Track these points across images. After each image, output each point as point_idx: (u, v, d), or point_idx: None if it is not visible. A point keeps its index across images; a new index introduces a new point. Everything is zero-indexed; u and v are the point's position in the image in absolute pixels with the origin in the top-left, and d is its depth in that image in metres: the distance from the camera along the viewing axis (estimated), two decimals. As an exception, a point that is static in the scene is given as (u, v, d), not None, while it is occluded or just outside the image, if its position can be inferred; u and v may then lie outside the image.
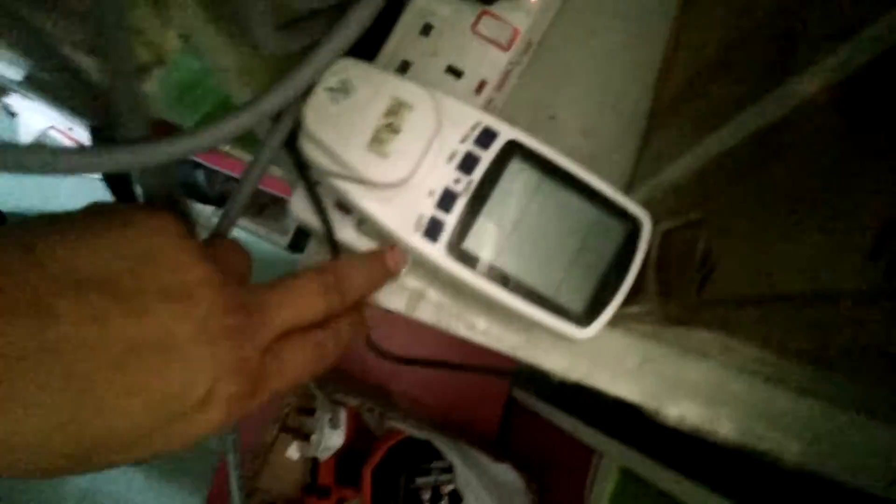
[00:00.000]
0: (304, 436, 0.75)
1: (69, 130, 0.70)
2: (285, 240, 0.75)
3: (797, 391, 0.41)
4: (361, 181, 0.31)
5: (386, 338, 0.83)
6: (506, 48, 0.38)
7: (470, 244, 0.33)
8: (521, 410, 0.85)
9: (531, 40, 0.40)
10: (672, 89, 0.39)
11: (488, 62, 0.38)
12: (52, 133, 0.77)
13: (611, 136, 0.41)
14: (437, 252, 0.33)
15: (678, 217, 0.33)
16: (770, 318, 0.24)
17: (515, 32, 0.38)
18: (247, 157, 0.65)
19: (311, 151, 0.31)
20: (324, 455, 0.70)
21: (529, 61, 0.42)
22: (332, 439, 0.68)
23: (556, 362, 0.41)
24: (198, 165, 0.67)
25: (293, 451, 0.80)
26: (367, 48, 0.37)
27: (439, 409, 0.85)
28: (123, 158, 0.21)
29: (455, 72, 0.38)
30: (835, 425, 0.40)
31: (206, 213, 0.73)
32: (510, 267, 0.33)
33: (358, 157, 0.30)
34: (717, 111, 0.31)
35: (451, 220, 0.33)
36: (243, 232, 0.77)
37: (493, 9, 0.38)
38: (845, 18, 0.23)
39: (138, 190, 0.28)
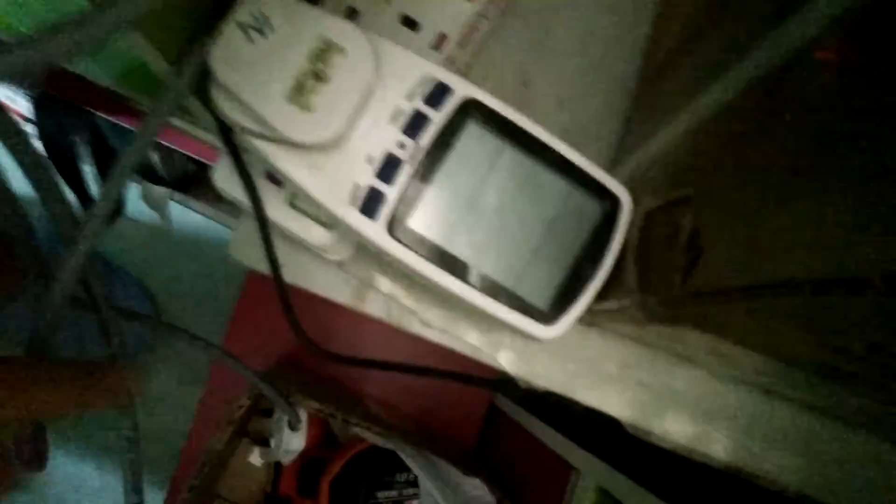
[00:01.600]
0: (261, 440, 0.70)
1: (11, 101, 0.64)
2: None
3: (799, 405, 0.36)
4: (283, 141, 0.26)
5: (350, 336, 0.78)
6: (471, -1, 0.33)
7: (416, 223, 0.27)
8: (502, 418, 0.79)
9: (502, -9, 0.35)
10: (662, 53, 0.34)
11: (450, 13, 0.33)
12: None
13: (592, 108, 0.36)
14: (375, 231, 0.27)
15: (663, 195, 0.27)
16: (769, 313, 0.18)
17: (483, -20, 0.33)
18: (207, 136, 0.60)
19: (222, 103, 0.26)
20: (286, 459, 0.64)
21: (501, 18, 0.36)
22: (293, 442, 0.63)
23: (522, 367, 0.36)
24: (154, 144, 0.62)
25: (256, 457, 0.74)
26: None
27: (415, 416, 0.79)
28: None
29: (411, 22, 0.33)
30: (843, 447, 0.35)
31: (162, 196, 0.67)
32: (463, 251, 0.28)
33: (276, 110, 0.25)
34: (709, 66, 0.26)
35: (393, 192, 0.27)
36: (198, 216, 0.72)
37: (458, -49, 0.33)
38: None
39: None
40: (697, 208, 0.24)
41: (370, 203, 0.27)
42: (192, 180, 0.70)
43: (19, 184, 0.25)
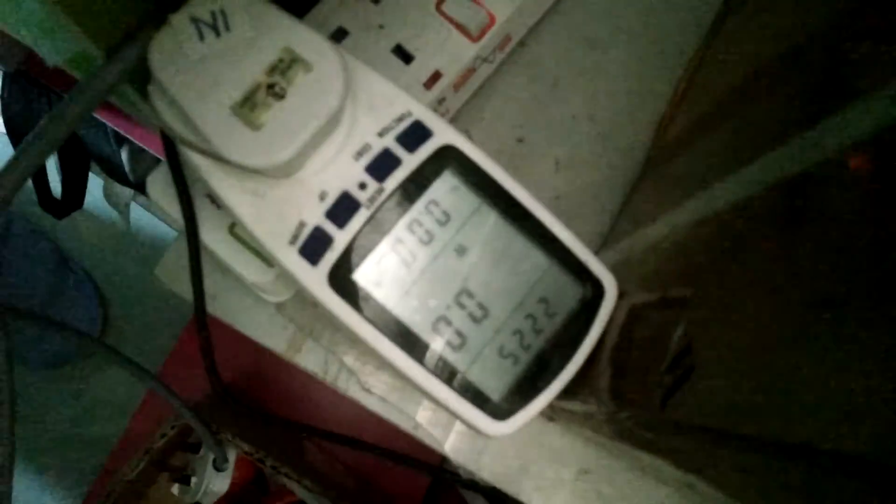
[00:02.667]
0: (181, 477, 0.64)
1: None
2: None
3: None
4: (218, 158, 0.22)
5: (295, 383, 0.73)
6: (475, 38, 0.30)
7: (363, 277, 0.23)
8: (448, 489, 0.74)
9: (510, 35, 0.32)
10: (677, 130, 0.30)
11: (449, 51, 0.29)
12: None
13: (591, 177, 0.32)
14: (314, 278, 0.23)
15: (654, 291, 0.23)
16: (760, 472, 0.14)
17: (491, 20, 0.30)
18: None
19: (159, 104, 0.22)
20: (206, 500, 0.59)
21: (504, 65, 0.33)
22: (216, 483, 0.57)
23: (468, 455, 0.31)
24: (123, 140, 0.58)
25: (177, 489, 0.68)
26: (296, 3, 0.29)
27: (357, 467, 0.74)
28: None
29: (404, 55, 0.29)
30: None
31: (125, 196, 0.63)
32: (413, 318, 0.24)
33: (216, 121, 0.21)
34: (725, 158, 0.22)
35: (343, 237, 0.23)
36: (147, 213, 0.67)
37: (466, -15, 0.30)
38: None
39: None
40: (694, 315, 0.20)
41: (314, 245, 0.23)
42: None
43: None
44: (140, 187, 0.62)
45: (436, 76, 0.29)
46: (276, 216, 0.23)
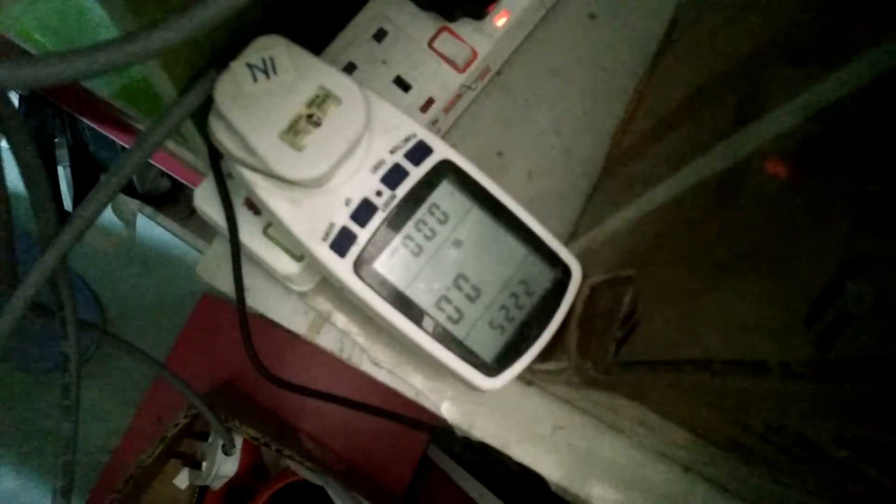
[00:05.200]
0: (195, 462, 0.69)
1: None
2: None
3: (716, 486, 0.38)
4: (270, 174, 0.28)
5: (298, 367, 0.79)
6: (461, 70, 0.36)
7: (381, 265, 0.29)
8: (433, 470, 0.80)
9: (489, 67, 0.38)
10: (627, 143, 0.37)
11: (440, 81, 0.36)
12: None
13: (558, 183, 0.39)
14: (342, 267, 0.29)
15: (610, 272, 0.30)
16: (686, 386, 0.21)
17: (474, 55, 0.36)
18: (187, 156, 0.61)
19: (218, 131, 0.28)
20: (216, 484, 0.64)
21: (484, 91, 0.40)
22: (225, 467, 0.63)
23: (462, 416, 0.38)
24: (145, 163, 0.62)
25: (181, 480, 0.73)
26: (312, 42, 0.35)
27: (347, 457, 0.79)
28: None
29: (403, 84, 0.36)
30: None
31: (132, 208, 0.68)
32: (421, 298, 0.30)
33: (269, 145, 0.27)
34: (665, 164, 0.29)
35: (364, 234, 0.29)
36: (169, 235, 0.73)
37: (455, 26, 0.36)
38: (798, 75, 0.21)
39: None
40: (637, 287, 0.26)
41: (342, 242, 0.29)
42: (164, 196, 0.71)
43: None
44: (147, 199, 0.67)
45: (429, 102, 0.36)
46: (311, 219, 0.29)
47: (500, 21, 0.36)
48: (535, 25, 0.40)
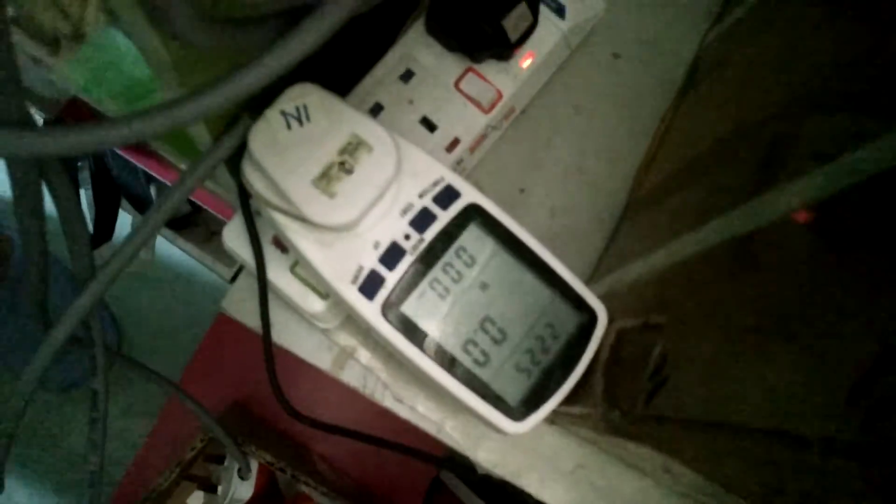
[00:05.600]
0: (209, 485, 0.69)
1: None
2: (230, 272, 0.71)
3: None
4: (301, 218, 0.28)
5: (312, 399, 0.79)
6: (486, 110, 0.36)
7: (409, 308, 0.30)
8: (445, 492, 0.79)
9: (514, 107, 0.38)
10: (651, 183, 0.37)
11: (466, 121, 0.36)
12: None
13: (580, 221, 0.39)
14: (371, 311, 0.29)
15: (637, 317, 0.30)
16: (719, 449, 0.21)
17: (499, 95, 0.36)
18: (211, 185, 0.62)
19: (251, 176, 0.28)
20: (229, 508, 0.64)
21: (508, 129, 0.40)
22: (241, 491, 0.63)
23: (485, 454, 0.38)
24: (151, 179, 0.64)
25: (194, 500, 0.73)
26: (341, 82, 0.35)
27: (359, 480, 0.79)
28: None
29: (429, 125, 0.36)
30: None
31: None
32: (448, 341, 0.30)
33: (301, 191, 0.27)
34: (693, 212, 0.29)
35: (392, 278, 0.30)
36: (187, 257, 0.73)
37: (480, 68, 0.36)
38: (835, 138, 0.21)
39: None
40: (668, 337, 0.27)
41: (370, 285, 0.29)
42: (184, 220, 0.71)
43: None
44: (167, 222, 0.67)
45: (455, 142, 0.36)
46: (340, 261, 0.29)
47: (526, 63, 0.37)
48: (560, 65, 0.40)
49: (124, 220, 0.70)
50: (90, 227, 0.67)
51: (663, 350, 0.26)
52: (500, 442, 0.38)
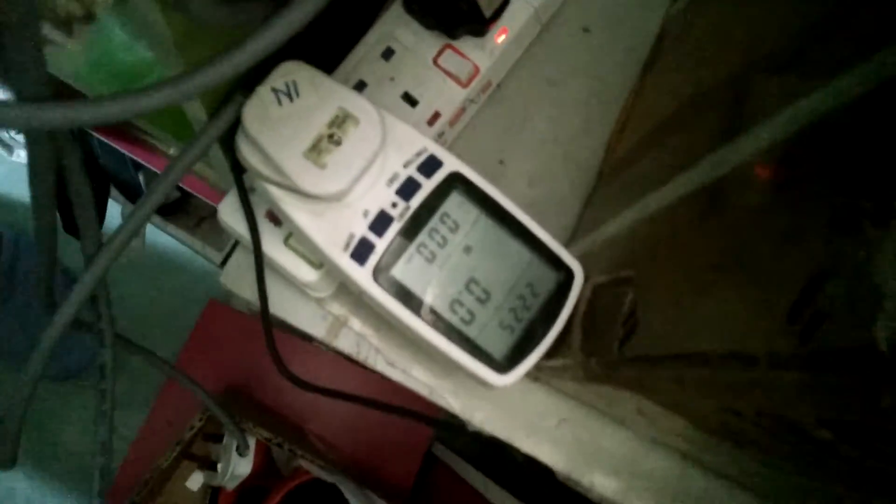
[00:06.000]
0: (209, 463, 0.71)
1: None
2: (220, 256, 0.73)
3: (712, 472, 0.40)
4: (294, 189, 0.30)
5: (307, 372, 0.81)
6: (464, 84, 0.38)
7: (398, 272, 0.32)
8: (438, 465, 0.82)
9: (491, 81, 0.40)
10: (622, 150, 0.39)
11: (445, 95, 0.38)
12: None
13: (557, 188, 0.41)
14: (362, 275, 0.31)
15: (610, 273, 0.32)
16: (685, 378, 0.23)
17: (476, 70, 0.38)
18: (204, 171, 0.63)
19: (245, 151, 0.30)
20: (231, 484, 0.66)
21: (486, 102, 0.42)
22: (240, 467, 0.65)
23: (474, 412, 0.40)
24: (139, 166, 0.65)
25: (193, 482, 0.75)
26: (325, 61, 0.37)
27: (354, 456, 0.81)
28: (9, 114, 0.19)
29: (410, 100, 0.38)
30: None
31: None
32: (436, 302, 0.32)
33: (294, 163, 0.29)
34: (658, 172, 0.31)
35: (381, 244, 0.31)
36: (176, 245, 0.74)
37: (457, 44, 0.38)
38: (779, 95, 0.24)
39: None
40: (637, 288, 0.29)
41: (361, 251, 0.31)
42: (173, 206, 0.72)
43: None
44: (157, 209, 0.68)
45: (436, 115, 0.38)
46: (332, 230, 0.31)
47: (500, 38, 0.38)
48: (532, 40, 0.42)
49: (114, 210, 0.71)
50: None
51: (634, 298, 0.28)
52: (487, 400, 0.40)
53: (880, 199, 0.15)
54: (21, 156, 1.05)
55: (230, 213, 0.35)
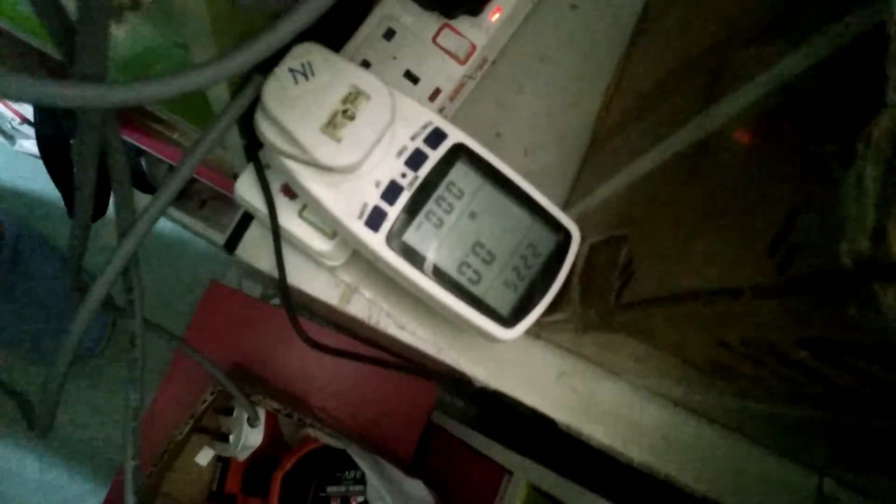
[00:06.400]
0: (221, 436, 0.73)
1: (13, 103, 0.68)
2: (222, 238, 0.74)
3: (702, 417, 0.44)
4: (313, 163, 0.32)
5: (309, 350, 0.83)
6: (462, 62, 0.40)
7: (409, 237, 0.34)
8: (438, 434, 0.85)
9: (486, 57, 0.43)
10: (611, 120, 0.42)
11: (444, 72, 0.40)
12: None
13: (551, 158, 0.44)
14: (376, 241, 0.34)
15: (605, 232, 0.35)
16: (677, 316, 0.26)
17: (472, 48, 0.40)
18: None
19: (265, 128, 0.32)
20: (242, 455, 0.68)
21: (482, 78, 0.44)
22: (252, 438, 0.67)
23: (480, 369, 0.43)
24: (141, 152, 0.66)
25: (203, 457, 0.77)
26: (331, 42, 0.39)
27: (356, 429, 0.84)
28: (67, 92, 0.21)
29: (412, 77, 0.40)
30: (736, 458, 0.43)
31: (145, 202, 0.71)
32: (445, 264, 0.34)
33: (312, 138, 0.31)
34: (647, 138, 0.34)
35: (393, 211, 0.34)
36: (177, 229, 0.76)
37: (454, 23, 0.40)
38: (755, 61, 0.26)
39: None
40: (631, 242, 0.32)
41: (375, 219, 0.34)
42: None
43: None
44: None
45: (437, 92, 0.40)
46: (347, 200, 0.34)
47: (494, 17, 0.41)
48: (525, 18, 0.44)
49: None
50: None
51: (630, 252, 0.31)
52: (492, 357, 0.43)
53: (845, 143, 0.18)
54: (24, 146, 1.05)
55: (247, 189, 0.38)
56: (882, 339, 0.18)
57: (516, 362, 0.43)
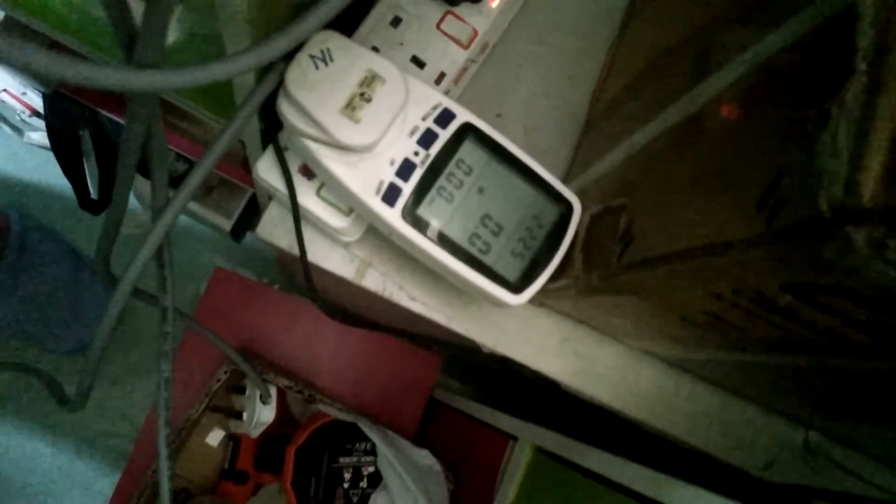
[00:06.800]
0: (234, 414, 0.75)
1: (22, 95, 0.69)
2: (228, 224, 0.76)
3: (696, 376, 0.47)
4: (333, 143, 0.34)
5: (315, 332, 0.86)
6: (465, 46, 0.43)
7: (423, 211, 0.37)
8: (440, 409, 0.88)
9: (488, 42, 0.45)
10: (606, 99, 0.45)
11: (449, 57, 0.43)
12: (4, 96, 0.77)
13: (550, 136, 0.46)
14: (393, 216, 0.36)
15: (604, 203, 0.37)
16: (674, 272, 0.28)
17: (475, 33, 0.43)
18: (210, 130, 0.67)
19: (288, 112, 0.34)
20: (255, 431, 0.71)
21: (484, 61, 0.47)
22: (264, 414, 0.70)
23: (488, 335, 0.45)
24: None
25: (213, 438, 0.80)
26: (343, 30, 0.41)
27: (361, 405, 0.87)
28: (119, 77, 0.23)
29: (419, 62, 0.42)
30: (727, 414, 0.46)
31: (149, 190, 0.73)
32: (456, 234, 0.37)
33: (332, 119, 0.34)
34: (641, 114, 0.37)
35: (407, 187, 0.36)
36: (184, 214, 0.78)
37: (457, 10, 0.43)
38: (739, 40, 0.29)
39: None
40: (630, 210, 0.34)
41: (391, 194, 0.36)
42: (180, 178, 0.76)
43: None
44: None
45: (442, 75, 0.43)
46: (365, 178, 0.36)
47: (495, 3, 0.43)
48: (524, 3, 0.47)
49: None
50: (95, 193, 0.72)
51: (628, 219, 0.34)
52: (499, 325, 0.46)
53: (821, 108, 0.20)
54: (32, 138, 1.06)
55: (267, 171, 0.40)
56: (856, 278, 0.20)
57: (521, 329, 0.46)
